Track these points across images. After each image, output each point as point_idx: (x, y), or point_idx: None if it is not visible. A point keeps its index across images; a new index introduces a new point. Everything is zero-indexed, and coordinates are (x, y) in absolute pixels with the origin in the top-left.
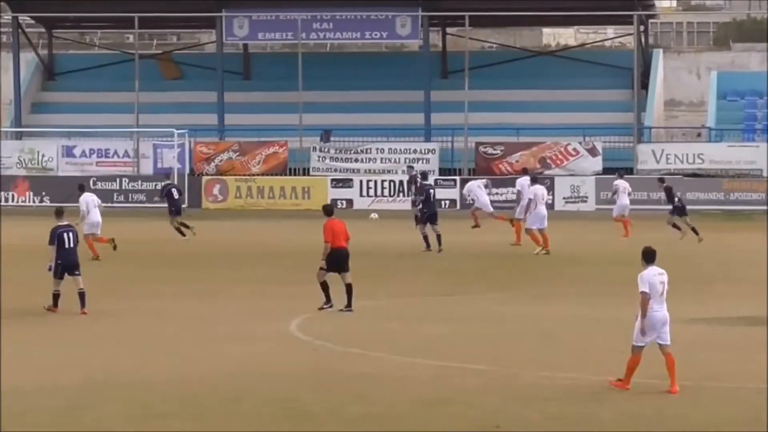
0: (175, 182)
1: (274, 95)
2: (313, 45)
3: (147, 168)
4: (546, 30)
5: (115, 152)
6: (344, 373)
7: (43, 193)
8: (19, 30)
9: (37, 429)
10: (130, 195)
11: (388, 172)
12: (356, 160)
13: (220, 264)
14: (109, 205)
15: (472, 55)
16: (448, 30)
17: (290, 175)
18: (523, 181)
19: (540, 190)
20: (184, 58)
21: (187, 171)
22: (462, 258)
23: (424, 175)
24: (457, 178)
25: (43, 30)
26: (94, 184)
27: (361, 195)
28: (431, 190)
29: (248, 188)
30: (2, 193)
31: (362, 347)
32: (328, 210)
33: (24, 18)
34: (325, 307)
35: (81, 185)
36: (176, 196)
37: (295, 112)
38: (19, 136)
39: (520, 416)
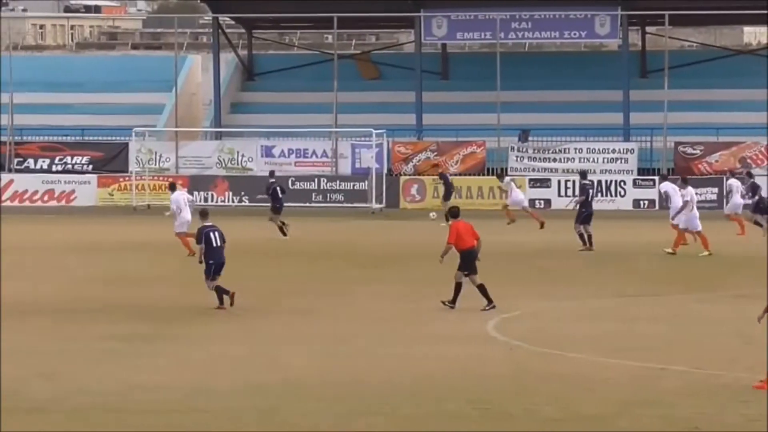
0: (276, 181)
1: (472, 95)
2: (512, 45)
3: (345, 168)
4: (747, 28)
5: (314, 152)
6: (541, 374)
7: (242, 193)
8: (219, 31)
9: (243, 429)
10: (328, 195)
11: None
12: (554, 160)
13: (414, 264)
14: (307, 204)
15: (672, 54)
16: (648, 29)
17: (488, 175)
18: (667, 185)
19: (692, 192)
20: (382, 58)
21: (385, 171)
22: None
23: (584, 174)
24: (655, 178)
25: (242, 31)
26: (293, 184)
27: (559, 195)
28: (590, 190)
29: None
30: (201, 192)
31: (559, 348)
32: (454, 213)
33: (224, 19)
34: (447, 304)
35: (172, 184)
36: (280, 194)
37: (493, 111)
38: (218, 136)
39: (719, 419)
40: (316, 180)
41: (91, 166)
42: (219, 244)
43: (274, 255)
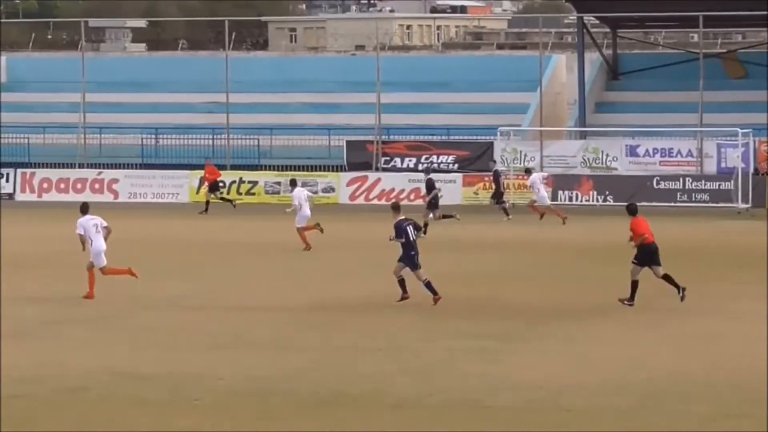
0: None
1: None
2: None
3: (710, 167)
4: None
5: (679, 152)
6: None
7: (607, 193)
8: (584, 30)
9: (602, 429)
10: (693, 194)
11: None
12: None
13: None
14: (672, 204)
15: None
16: None
17: None
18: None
19: None
20: (749, 56)
21: (751, 170)
22: None
23: None
24: None
25: (607, 30)
26: (657, 183)
27: None
28: None
29: None
30: (566, 192)
31: None
32: (633, 209)
33: (589, 18)
34: (626, 302)
35: (293, 180)
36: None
37: None
38: (583, 135)
39: None
40: (681, 179)
41: (456, 165)
42: (413, 237)
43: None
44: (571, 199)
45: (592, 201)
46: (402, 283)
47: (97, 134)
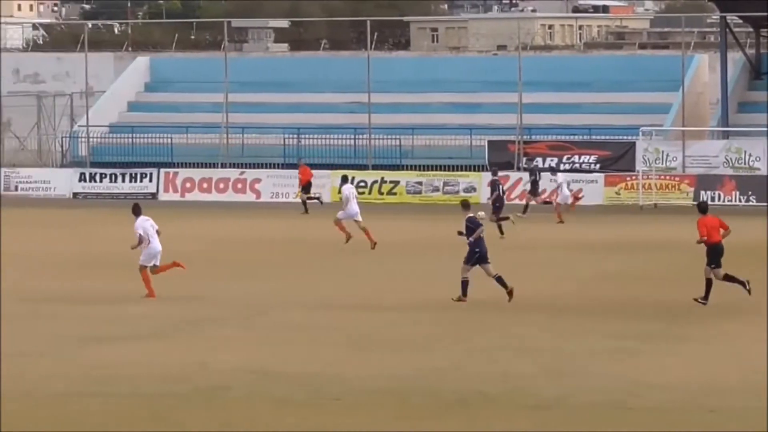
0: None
1: None
2: None
3: None
4: None
5: None
6: None
7: (749, 193)
8: (727, 30)
9: (751, 429)
10: None
11: None
12: None
13: None
14: None
15: None
16: None
17: None
18: None
19: None
20: None
21: None
22: None
23: None
24: None
25: (750, 29)
26: None
27: None
28: None
29: None
30: (708, 192)
31: None
32: (703, 207)
33: (731, 18)
34: (701, 301)
35: (344, 176)
36: (501, 192)
37: None
38: (725, 135)
39: None
40: None
41: (598, 165)
42: (482, 235)
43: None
44: (713, 199)
45: (735, 201)
46: (465, 284)
47: (239, 134)
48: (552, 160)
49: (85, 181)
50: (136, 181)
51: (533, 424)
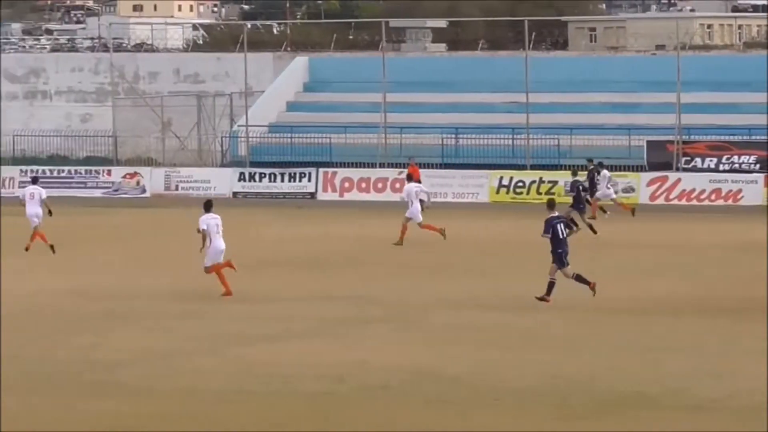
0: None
1: None
2: None
3: None
4: None
5: None
6: None
7: None
8: None
9: None
10: None
11: None
12: None
13: None
14: None
15: None
16: None
17: None
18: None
19: None
20: None
21: None
22: None
23: None
24: None
25: None
26: None
27: None
28: None
29: None
30: None
31: None
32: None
33: None
34: None
35: (409, 175)
36: (582, 192)
37: None
38: None
39: None
40: None
41: (758, 165)
42: (563, 236)
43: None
44: None
45: None
46: (551, 285)
47: (397, 134)
48: (711, 161)
49: (244, 180)
50: (295, 181)
51: (694, 425)
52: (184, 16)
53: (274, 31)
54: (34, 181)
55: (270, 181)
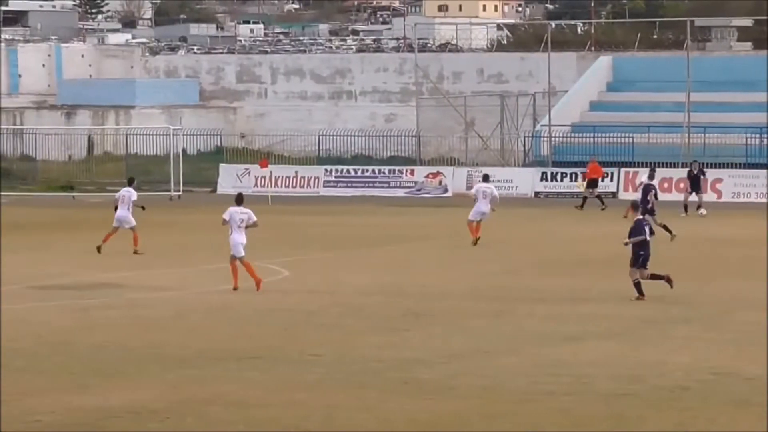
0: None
1: None
2: None
3: None
4: None
5: None
6: None
7: None
8: None
9: None
10: None
11: None
12: None
13: None
14: None
15: None
16: None
17: None
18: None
19: None
20: None
21: None
22: None
23: None
24: None
25: None
26: None
27: None
28: None
29: None
30: None
31: None
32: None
33: None
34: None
35: (485, 175)
36: (648, 197)
37: None
38: None
39: None
40: None
41: None
42: (649, 237)
43: None
44: None
45: None
46: (637, 285)
47: (700, 134)
48: None
49: (546, 180)
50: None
51: None
52: (489, 16)
53: (579, 30)
54: (130, 182)
55: (571, 180)
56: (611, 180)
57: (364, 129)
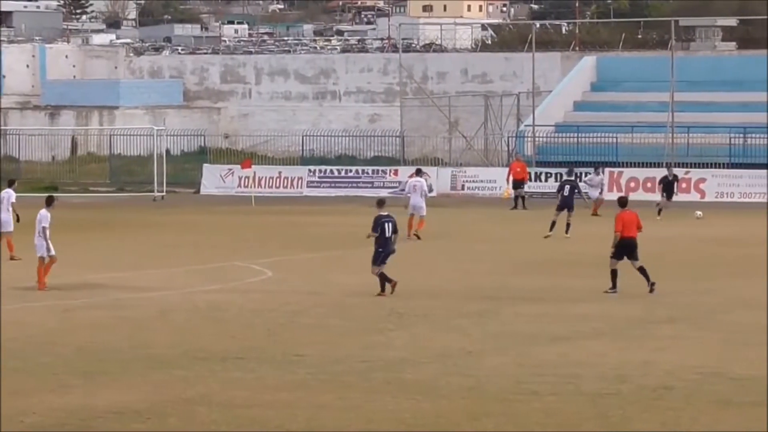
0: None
1: None
2: None
3: None
4: None
5: None
6: None
7: None
8: None
9: None
10: None
11: None
12: None
13: None
14: None
15: None
16: None
17: None
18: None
19: None
20: None
21: None
22: None
23: None
24: None
25: None
26: None
27: None
28: None
29: None
30: None
31: None
32: (622, 202)
33: None
34: (609, 291)
35: (418, 169)
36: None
37: None
38: None
39: None
40: None
41: None
42: (390, 234)
43: None
44: None
45: None
46: (382, 277)
47: (684, 133)
48: None
49: (530, 180)
50: (580, 181)
51: None
52: (473, 16)
53: (563, 30)
54: (10, 184)
55: (556, 181)
56: None
57: (348, 129)
